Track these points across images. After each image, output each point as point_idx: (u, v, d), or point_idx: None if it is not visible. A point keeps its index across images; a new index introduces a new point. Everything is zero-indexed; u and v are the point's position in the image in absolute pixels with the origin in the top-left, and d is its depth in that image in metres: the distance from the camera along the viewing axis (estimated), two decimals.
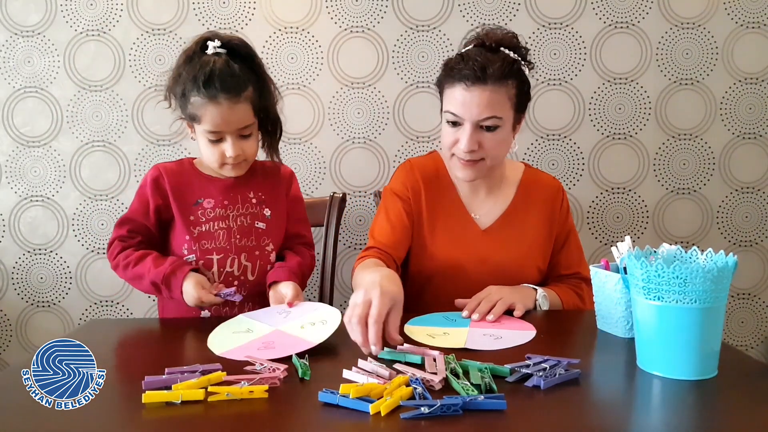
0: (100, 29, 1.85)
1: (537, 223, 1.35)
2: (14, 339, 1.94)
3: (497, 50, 1.23)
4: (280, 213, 1.37)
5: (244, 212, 1.31)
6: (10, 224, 1.90)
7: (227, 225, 1.29)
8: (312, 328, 1.03)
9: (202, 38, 1.23)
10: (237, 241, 1.29)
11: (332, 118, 1.88)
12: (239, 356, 0.93)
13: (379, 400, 0.73)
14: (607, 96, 1.89)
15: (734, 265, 0.85)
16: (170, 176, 1.30)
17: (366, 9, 1.85)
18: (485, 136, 1.22)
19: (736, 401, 0.79)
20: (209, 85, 1.17)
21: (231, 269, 1.28)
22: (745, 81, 1.89)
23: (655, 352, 0.86)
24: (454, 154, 1.26)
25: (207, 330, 1.06)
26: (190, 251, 1.27)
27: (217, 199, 1.30)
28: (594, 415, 0.76)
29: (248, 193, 1.33)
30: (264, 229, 1.32)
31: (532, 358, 0.88)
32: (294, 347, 0.95)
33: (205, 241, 1.27)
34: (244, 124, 1.22)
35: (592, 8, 1.85)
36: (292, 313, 1.12)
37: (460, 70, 1.20)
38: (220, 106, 1.18)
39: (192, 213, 1.29)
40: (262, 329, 1.05)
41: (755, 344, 2.00)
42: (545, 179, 1.41)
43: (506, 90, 1.21)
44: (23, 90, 1.86)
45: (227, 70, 1.18)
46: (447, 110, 1.24)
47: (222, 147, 1.23)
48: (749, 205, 1.94)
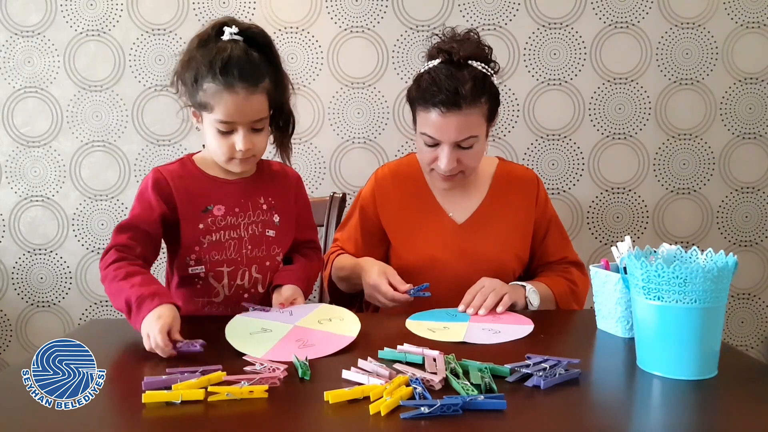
0: (100, 29, 1.85)
1: (513, 214, 1.37)
2: (14, 339, 1.94)
3: (466, 66, 1.23)
4: (289, 219, 1.30)
5: (255, 220, 1.23)
6: (10, 224, 1.90)
7: (238, 234, 1.20)
8: (330, 324, 1.04)
9: (219, 23, 1.14)
10: (248, 252, 1.21)
11: (332, 118, 1.88)
12: (281, 356, 0.92)
13: (379, 400, 0.73)
14: (607, 96, 1.89)
15: (734, 265, 0.85)
16: (175, 180, 1.18)
17: (366, 9, 1.85)
18: (463, 153, 1.25)
19: (736, 401, 0.79)
20: (227, 72, 1.09)
21: (242, 282, 1.21)
22: (745, 81, 1.89)
23: (655, 352, 0.86)
24: (434, 169, 1.28)
25: (207, 330, 1.05)
26: (199, 263, 1.18)
27: (228, 206, 1.20)
28: (594, 415, 0.76)
29: (259, 199, 1.24)
30: (274, 237, 1.25)
31: (532, 358, 0.88)
32: (334, 343, 0.96)
33: (215, 253, 1.18)
34: (258, 117, 1.14)
35: (592, 8, 1.85)
36: (295, 314, 1.11)
37: (434, 95, 1.20)
38: (236, 95, 1.10)
39: (201, 221, 1.18)
40: (279, 328, 1.04)
41: (755, 344, 2.00)
42: (519, 171, 1.43)
43: (479, 109, 1.22)
44: (23, 90, 1.87)
45: (246, 58, 1.11)
46: (423, 132, 1.25)
47: (232, 139, 1.14)
48: (749, 205, 1.94)
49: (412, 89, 1.28)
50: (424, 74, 1.26)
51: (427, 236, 1.35)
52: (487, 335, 1.02)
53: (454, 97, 1.19)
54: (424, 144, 1.27)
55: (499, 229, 1.35)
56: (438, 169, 1.27)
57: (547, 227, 1.40)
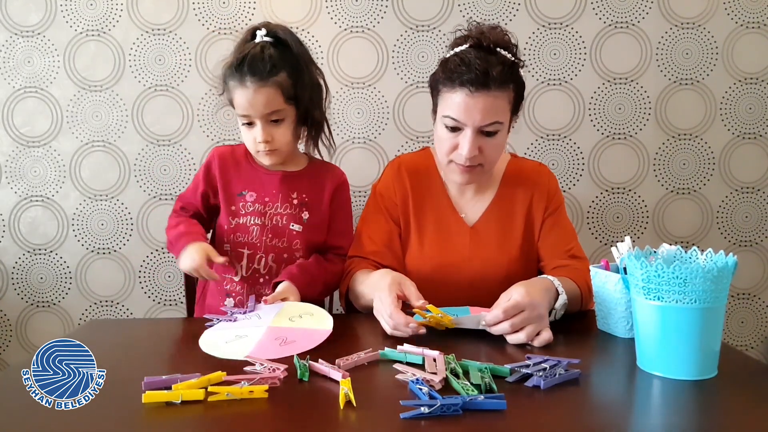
0: (100, 29, 1.85)
1: (522, 212, 1.33)
2: (14, 339, 1.94)
3: (495, 52, 1.20)
4: (320, 218, 1.34)
5: (282, 212, 1.31)
6: (10, 224, 1.90)
7: (262, 222, 1.29)
8: (302, 320, 1.05)
9: (254, 28, 1.26)
10: (268, 240, 1.30)
11: (333, 118, 1.88)
12: (264, 355, 0.91)
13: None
14: (607, 96, 1.89)
15: (734, 265, 0.85)
16: (221, 162, 1.32)
17: (366, 9, 1.85)
18: (485, 141, 1.20)
19: (736, 401, 0.79)
20: (240, 69, 1.20)
21: (258, 266, 1.30)
22: (745, 81, 1.89)
23: (655, 352, 0.86)
24: (453, 160, 1.23)
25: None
26: (227, 240, 1.30)
27: (259, 194, 1.31)
28: (594, 415, 0.76)
29: (292, 194, 1.31)
30: (299, 232, 1.30)
31: (532, 358, 0.88)
32: (314, 338, 0.96)
33: (239, 234, 1.29)
34: (270, 109, 1.21)
35: (592, 8, 1.86)
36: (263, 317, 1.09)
37: (461, 74, 1.16)
38: (246, 89, 1.20)
39: (234, 203, 1.30)
40: (253, 332, 1.02)
41: (755, 344, 2.00)
42: (529, 167, 1.39)
43: (507, 94, 1.19)
44: (23, 90, 1.87)
45: (258, 55, 1.20)
46: (447, 115, 1.19)
47: (254, 132, 1.24)
48: (749, 205, 1.94)
49: (438, 72, 1.23)
50: (451, 57, 1.21)
51: (439, 239, 1.31)
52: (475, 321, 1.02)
53: (483, 77, 1.14)
54: (446, 130, 1.21)
55: (510, 230, 1.32)
56: (457, 159, 1.22)
57: (555, 213, 1.34)
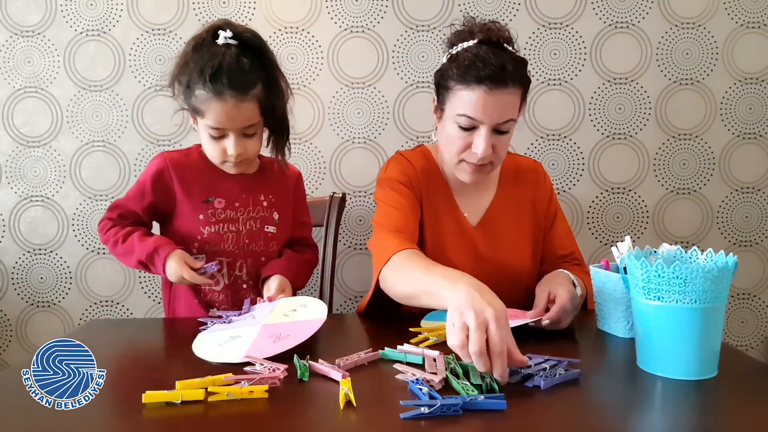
0: (100, 29, 1.85)
1: (524, 210, 1.33)
2: (14, 339, 1.94)
3: (504, 48, 1.16)
4: (288, 216, 1.34)
5: (254, 216, 1.28)
6: (10, 224, 1.90)
7: (236, 228, 1.25)
8: (296, 313, 1.04)
9: (214, 26, 1.15)
10: (246, 246, 1.26)
11: (332, 118, 1.88)
12: (259, 354, 0.91)
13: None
14: (607, 96, 1.89)
15: (734, 265, 0.85)
16: (178, 170, 1.24)
17: (366, 9, 1.85)
18: (498, 139, 1.17)
19: (736, 401, 0.79)
20: (216, 80, 1.10)
21: (240, 273, 1.27)
22: (745, 81, 1.89)
23: (655, 352, 0.86)
24: (464, 159, 1.19)
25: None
26: (200, 251, 1.24)
27: (228, 200, 1.25)
28: (594, 415, 0.76)
29: (259, 196, 1.29)
30: (273, 234, 1.30)
31: (533, 358, 0.88)
32: (308, 329, 0.95)
33: (214, 243, 1.24)
34: (248, 123, 1.16)
35: (592, 8, 1.85)
36: (257, 316, 1.09)
37: (478, 70, 1.11)
38: (225, 103, 1.11)
39: (202, 211, 1.24)
40: (247, 332, 1.01)
41: (755, 344, 2.00)
42: (525, 163, 1.39)
43: (519, 90, 1.17)
44: (23, 90, 1.86)
45: (236, 66, 1.11)
46: (462, 114, 1.14)
47: (224, 144, 1.17)
48: (749, 205, 1.94)
49: (447, 68, 1.17)
50: (461, 52, 1.15)
51: (442, 238, 1.29)
52: None
53: (501, 73, 1.10)
54: (458, 128, 1.16)
55: (513, 229, 1.31)
56: (471, 158, 1.17)
57: (554, 219, 1.36)
